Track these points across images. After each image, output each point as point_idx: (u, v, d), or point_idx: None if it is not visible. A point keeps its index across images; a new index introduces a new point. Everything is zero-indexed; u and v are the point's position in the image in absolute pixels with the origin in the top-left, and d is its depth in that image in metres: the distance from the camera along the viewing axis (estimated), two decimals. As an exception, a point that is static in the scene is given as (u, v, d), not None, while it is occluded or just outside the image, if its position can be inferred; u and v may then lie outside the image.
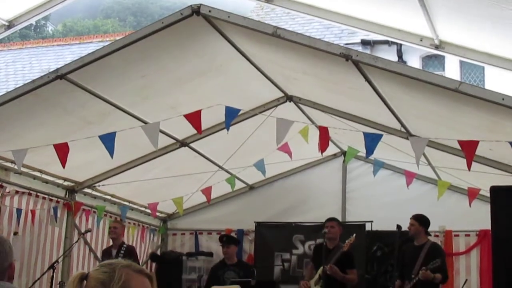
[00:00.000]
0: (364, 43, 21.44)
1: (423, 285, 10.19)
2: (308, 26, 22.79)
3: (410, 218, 10.72)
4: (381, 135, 8.53)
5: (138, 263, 11.15)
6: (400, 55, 21.24)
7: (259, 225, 13.93)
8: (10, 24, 9.14)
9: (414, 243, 10.74)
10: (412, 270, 10.38)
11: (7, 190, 10.39)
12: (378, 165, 11.01)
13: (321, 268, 10.86)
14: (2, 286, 3.75)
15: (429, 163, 11.23)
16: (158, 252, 14.62)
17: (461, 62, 20.68)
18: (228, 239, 12.28)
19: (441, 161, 10.75)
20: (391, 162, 12.11)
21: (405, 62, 20.71)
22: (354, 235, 11.12)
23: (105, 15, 66.23)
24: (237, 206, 14.60)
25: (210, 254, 14.34)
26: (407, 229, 10.70)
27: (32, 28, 52.94)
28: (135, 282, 2.86)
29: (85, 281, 2.84)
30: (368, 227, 12.91)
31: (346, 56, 7.33)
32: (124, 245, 11.53)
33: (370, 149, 8.43)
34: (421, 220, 10.68)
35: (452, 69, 20.99)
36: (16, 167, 9.38)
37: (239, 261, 12.28)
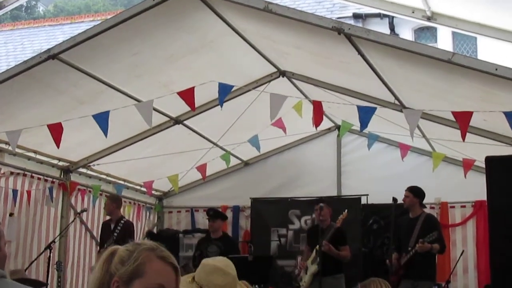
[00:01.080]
0: (356, 16, 21.37)
1: (420, 257, 10.22)
2: (299, 1, 22.72)
3: (405, 190, 10.73)
4: (375, 108, 8.53)
5: (133, 239, 11.23)
6: (392, 27, 21.19)
7: (254, 201, 13.95)
8: (0, 5, 9.10)
9: (409, 215, 10.75)
10: (408, 243, 10.42)
11: (2, 171, 10.39)
12: (373, 139, 11.01)
13: (317, 247, 10.91)
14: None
15: (424, 135, 11.23)
16: (155, 230, 14.65)
17: (454, 34, 20.62)
18: (215, 214, 12.24)
19: (436, 132, 10.76)
20: (385, 135, 12.11)
21: (397, 35, 20.66)
22: (346, 210, 11.15)
23: (96, -6, 65.85)
24: (232, 182, 14.60)
25: (206, 231, 14.34)
26: (402, 201, 10.69)
27: (23, 9, 52.59)
28: (151, 266, 2.86)
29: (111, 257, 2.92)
30: (363, 200, 12.93)
31: (338, 29, 7.31)
32: (122, 220, 11.49)
33: (364, 123, 8.42)
34: (415, 192, 10.68)
35: (444, 41, 20.94)
36: (10, 148, 9.36)
37: (224, 235, 12.22)
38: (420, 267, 10.28)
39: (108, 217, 11.78)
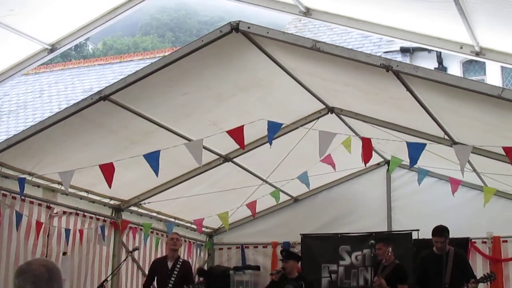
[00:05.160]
0: (403, 50, 21.32)
1: None
2: (346, 36, 22.75)
3: (435, 236, 10.42)
4: (424, 144, 8.48)
5: (192, 278, 11.27)
6: (440, 61, 21.08)
7: (305, 237, 13.92)
8: (52, 48, 9.31)
9: (434, 251, 10.53)
10: (440, 280, 10.15)
11: (55, 211, 10.53)
12: (423, 174, 10.90)
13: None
14: None
15: (474, 170, 11.13)
16: (205, 267, 14.67)
17: (502, 66, 20.46)
18: (287, 254, 12.02)
19: (486, 167, 10.65)
20: (435, 169, 12.02)
21: (445, 68, 20.57)
22: (390, 248, 10.98)
23: (144, 32, 66.79)
24: (282, 218, 14.60)
25: (257, 268, 14.36)
26: (436, 247, 10.45)
27: (73, 47, 53.51)
28: None
29: None
30: (414, 235, 12.81)
31: (386, 66, 7.33)
32: (180, 259, 11.54)
33: (414, 159, 8.37)
34: (446, 233, 10.40)
35: (493, 74, 20.79)
36: (63, 188, 9.49)
37: (299, 275, 12.00)
38: None
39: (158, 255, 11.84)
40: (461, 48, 8.25)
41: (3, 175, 9.45)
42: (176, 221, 13.29)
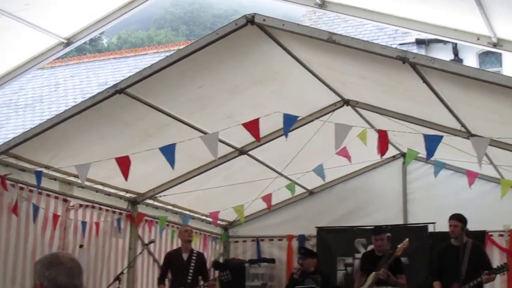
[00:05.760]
0: (419, 42, 21.22)
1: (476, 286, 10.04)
2: (361, 28, 22.69)
3: (452, 219, 10.45)
4: (441, 137, 8.45)
5: (207, 271, 11.30)
6: (456, 52, 20.98)
7: (320, 230, 13.92)
8: (68, 42, 9.31)
9: (451, 243, 10.52)
10: (457, 272, 10.12)
11: (71, 204, 10.57)
12: (439, 166, 10.84)
13: (373, 274, 10.83)
14: None
15: (491, 162, 11.08)
16: (221, 260, 14.69)
17: (519, 57, 20.35)
18: (306, 252, 12.23)
19: (503, 159, 10.61)
20: (451, 162, 11.95)
21: (461, 60, 20.48)
22: (407, 240, 10.99)
23: (158, 25, 66.73)
24: (297, 211, 14.59)
25: (272, 261, 14.37)
26: (451, 231, 10.44)
27: (88, 41, 53.62)
28: None
29: None
30: (430, 228, 12.77)
31: (402, 58, 7.30)
32: (195, 252, 11.56)
33: (430, 151, 8.35)
34: (464, 220, 10.40)
35: (510, 65, 20.67)
36: (79, 181, 9.52)
37: (316, 269, 12.06)
38: None
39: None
40: (478, 39, 8.20)
41: (20, 168, 9.49)
42: (192, 214, 13.32)
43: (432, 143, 8.36)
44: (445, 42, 20.35)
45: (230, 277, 11.29)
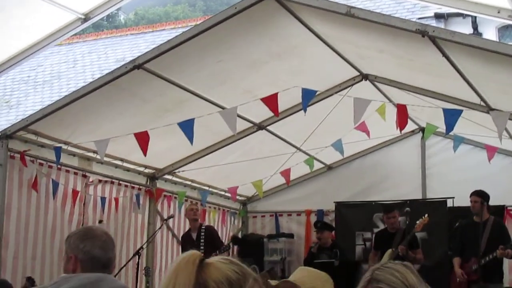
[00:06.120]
0: (438, 16, 21.03)
1: (492, 261, 10.06)
2: (379, 2, 22.53)
3: (472, 195, 10.46)
4: (461, 111, 8.40)
5: (220, 241, 11.30)
6: (475, 27, 20.80)
7: (338, 205, 13.89)
8: (86, 17, 9.27)
9: (473, 220, 10.51)
10: (477, 248, 10.14)
11: (90, 180, 10.62)
12: (458, 141, 10.77)
13: (389, 251, 10.84)
14: (108, 281, 3.80)
15: (511, 136, 11.01)
16: (239, 235, 14.73)
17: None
18: (322, 225, 12.39)
19: (523, 133, 10.56)
20: (471, 136, 11.89)
21: (480, 34, 20.31)
22: (427, 215, 10.99)
23: (175, 1, 66.54)
24: (316, 186, 14.57)
25: (291, 236, 14.40)
26: (471, 207, 10.45)
27: (105, 18, 53.61)
28: None
29: (204, 266, 2.35)
30: (449, 203, 12.73)
31: (422, 32, 7.25)
32: (203, 226, 11.59)
33: (450, 126, 8.30)
34: (485, 196, 10.39)
35: (530, 39, 20.54)
36: (98, 156, 9.55)
37: (333, 243, 12.21)
38: (491, 271, 10.13)
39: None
40: (499, 12, 8.09)
41: (39, 144, 9.53)
42: (210, 189, 13.32)
43: (451, 117, 8.32)
44: (464, 16, 20.18)
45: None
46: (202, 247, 10.98)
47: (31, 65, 24.85)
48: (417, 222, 10.93)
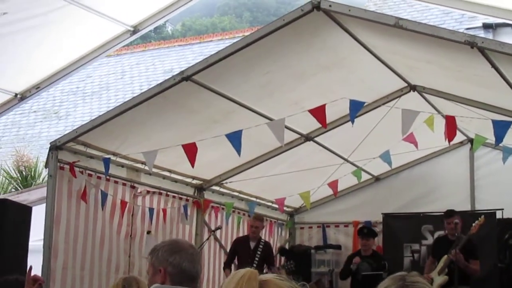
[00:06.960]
0: (486, 26, 20.90)
1: None
2: (427, 13, 22.43)
3: None
4: (510, 122, 8.31)
5: (274, 259, 11.39)
6: (524, 37, 20.64)
7: (386, 216, 13.81)
8: (135, 29, 9.40)
9: None
10: None
11: (138, 191, 10.71)
12: (508, 152, 10.67)
13: (444, 257, 10.75)
14: None
15: (561, 148, 10.87)
16: (287, 246, 14.72)
17: None
18: (369, 232, 12.41)
19: None
20: (520, 147, 11.77)
21: (529, 44, 20.08)
22: (483, 216, 10.91)
23: (222, 12, 66.94)
24: (363, 198, 14.51)
25: (338, 247, 14.35)
26: None
27: (152, 29, 54.16)
28: None
29: (263, 285, 2.47)
30: (498, 215, 12.60)
31: (471, 43, 7.20)
32: (262, 240, 11.81)
33: (499, 137, 8.23)
34: None
35: None
36: (146, 168, 9.63)
37: (374, 252, 12.26)
38: None
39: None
40: (548, 23, 8.05)
41: (88, 156, 9.64)
42: (258, 200, 13.34)
43: (501, 128, 8.24)
44: (512, 26, 20.01)
45: (293, 267, 11.36)
46: (256, 259, 11.17)
47: (80, 76, 25.19)
48: (473, 224, 10.85)
